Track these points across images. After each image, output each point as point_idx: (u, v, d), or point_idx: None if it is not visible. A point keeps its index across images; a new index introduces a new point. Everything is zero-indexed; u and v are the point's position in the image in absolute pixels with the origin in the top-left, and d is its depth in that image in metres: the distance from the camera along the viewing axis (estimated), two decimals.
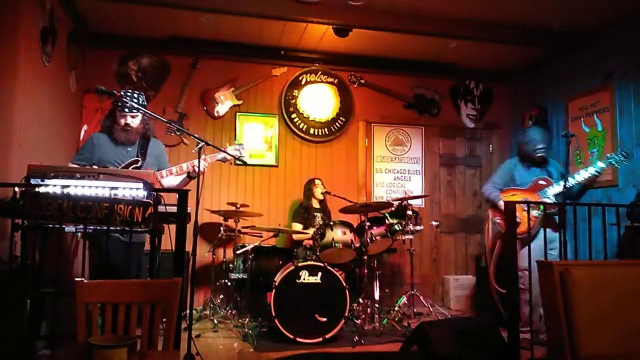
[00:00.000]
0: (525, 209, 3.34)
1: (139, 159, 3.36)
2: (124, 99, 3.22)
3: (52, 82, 4.17)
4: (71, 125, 4.77)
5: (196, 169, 3.24)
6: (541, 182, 4.02)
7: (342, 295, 3.94)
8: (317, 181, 5.10)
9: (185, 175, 3.48)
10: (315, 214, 5.03)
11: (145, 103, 3.38)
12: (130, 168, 3.30)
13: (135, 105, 3.24)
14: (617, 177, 4.51)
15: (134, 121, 3.33)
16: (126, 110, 3.26)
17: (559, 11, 4.49)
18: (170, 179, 3.45)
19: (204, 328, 4.24)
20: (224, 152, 3.50)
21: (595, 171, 3.82)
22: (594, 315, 2.17)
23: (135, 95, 3.29)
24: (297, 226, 5.00)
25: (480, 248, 5.96)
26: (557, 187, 3.89)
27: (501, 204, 3.98)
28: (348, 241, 4.22)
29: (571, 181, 3.82)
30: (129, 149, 3.38)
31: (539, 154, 4.09)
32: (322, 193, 5.05)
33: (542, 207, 3.72)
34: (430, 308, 4.77)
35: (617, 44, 4.63)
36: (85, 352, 1.76)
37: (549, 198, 3.92)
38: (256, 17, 4.64)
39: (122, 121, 3.30)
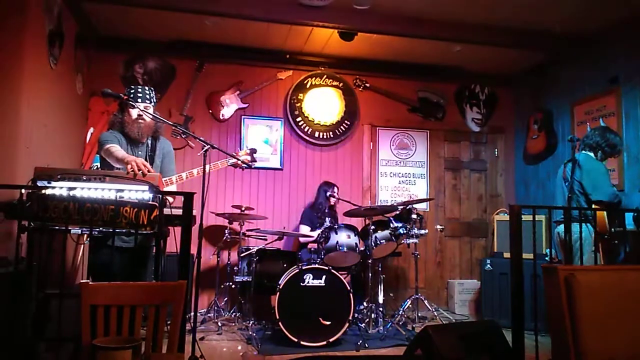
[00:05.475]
0: None
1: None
2: (137, 92, 3.14)
3: (59, 84, 4.19)
4: (77, 128, 4.80)
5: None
6: None
7: (346, 299, 3.94)
8: (336, 189, 5.09)
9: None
10: (326, 217, 5.01)
11: (155, 100, 3.27)
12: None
13: (148, 98, 3.16)
14: (624, 182, 4.49)
15: (147, 113, 3.17)
16: (139, 100, 3.12)
17: (563, 15, 4.49)
18: (174, 186, 3.25)
19: (208, 330, 4.26)
20: (234, 156, 3.38)
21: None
22: (600, 320, 2.16)
23: (147, 90, 3.19)
24: (305, 229, 5.00)
25: (485, 252, 5.95)
26: None
27: None
28: (353, 245, 4.22)
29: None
30: (139, 152, 3.22)
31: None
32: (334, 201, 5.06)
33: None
34: (435, 312, 4.76)
35: (623, 48, 4.61)
36: (89, 354, 1.76)
37: None
38: (261, 21, 4.66)
39: (136, 113, 3.14)
